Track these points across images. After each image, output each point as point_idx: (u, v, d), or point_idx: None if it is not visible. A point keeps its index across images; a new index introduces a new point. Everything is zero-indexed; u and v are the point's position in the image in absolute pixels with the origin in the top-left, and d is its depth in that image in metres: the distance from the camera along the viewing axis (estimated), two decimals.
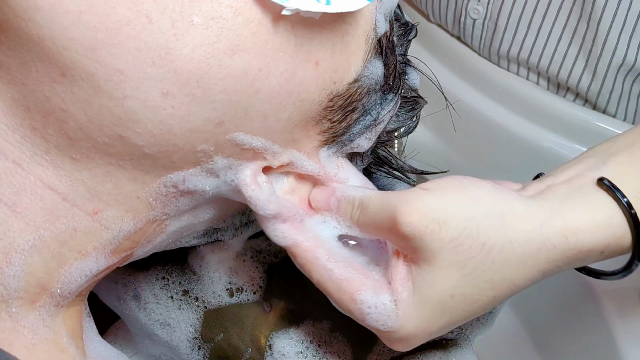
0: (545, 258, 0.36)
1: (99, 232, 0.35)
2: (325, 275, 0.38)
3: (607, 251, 0.37)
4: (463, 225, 0.36)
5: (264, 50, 0.33)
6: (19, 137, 0.33)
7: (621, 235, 0.37)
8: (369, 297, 0.38)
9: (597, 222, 0.36)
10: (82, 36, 0.30)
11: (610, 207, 0.37)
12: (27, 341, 0.34)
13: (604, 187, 0.37)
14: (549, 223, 0.36)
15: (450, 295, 0.36)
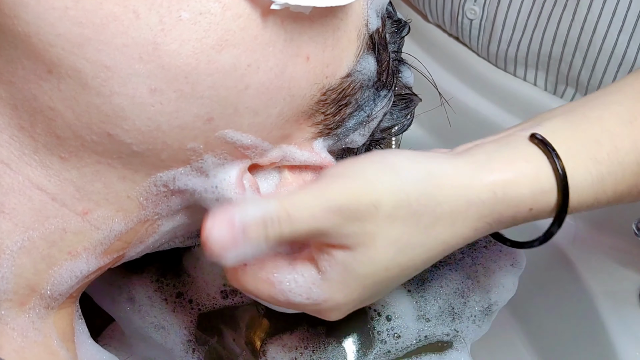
0: (475, 214, 0.36)
1: (89, 233, 0.35)
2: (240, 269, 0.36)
3: (536, 208, 0.36)
4: (395, 198, 0.34)
5: (253, 45, 0.33)
6: (6, 136, 0.32)
7: (548, 189, 0.36)
8: (286, 273, 0.36)
9: (525, 175, 0.36)
10: (69, 32, 0.29)
11: (539, 160, 0.36)
12: (17, 344, 0.33)
13: (535, 141, 0.36)
14: (477, 177, 0.35)
15: (385, 268, 0.35)
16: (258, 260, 0.36)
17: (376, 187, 0.34)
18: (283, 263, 0.36)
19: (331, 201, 0.33)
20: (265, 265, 0.36)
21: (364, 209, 0.34)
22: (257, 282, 0.36)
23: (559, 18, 0.72)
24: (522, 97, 0.80)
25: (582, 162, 0.37)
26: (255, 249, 0.33)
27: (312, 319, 0.48)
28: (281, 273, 0.36)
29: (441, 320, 0.49)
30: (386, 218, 0.34)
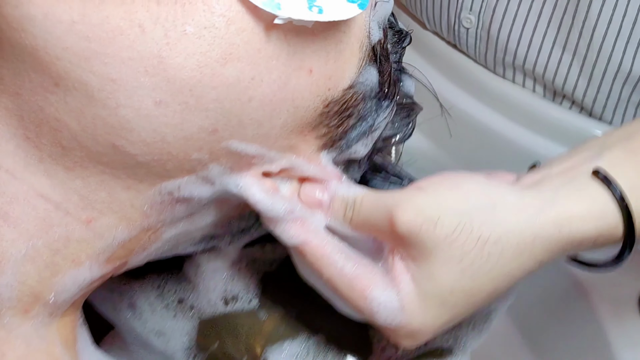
0: (540, 248, 0.37)
1: (92, 241, 0.35)
2: (336, 273, 0.38)
3: (600, 240, 0.38)
4: (457, 220, 0.36)
5: (257, 58, 0.33)
6: (12, 146, 0.33)
7: (614, 226, 0.38)
8: (379, 294, 0.38)
9: (590, 212, 0.37)
10: (76, 46, 0.30)
11: (604, 198, 0.38)
12: (20, 352, 0.34)
13: (598, 178, 0.38)
14: (542, 213, 0.37)
15: (450, 291, 0.37)
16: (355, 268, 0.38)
17: (441, 204, 0.37)
18: (378, 282, 0.38)
19: (394, 205, 0.37)
20: (362, 277, 0.38)
21: (422, 221, 0.36)
22: (352, 291, 0.38)
23: (558, 26, 0.72)
24: (521, 103, 0.80)
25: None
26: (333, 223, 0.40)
27: (312, 327, 0.48)
28: (376, 291, 0.38)
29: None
30: (445, 237, 0.36)
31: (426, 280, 0.37)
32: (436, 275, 0.37)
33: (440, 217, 0.36)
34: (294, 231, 0.39)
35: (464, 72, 0.83)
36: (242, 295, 0.49)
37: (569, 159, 0.41)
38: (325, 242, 0.39)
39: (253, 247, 0.49)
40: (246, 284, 0.49)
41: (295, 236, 0.39)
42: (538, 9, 0.73)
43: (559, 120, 0.78)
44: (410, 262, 0.37)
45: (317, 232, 0.40)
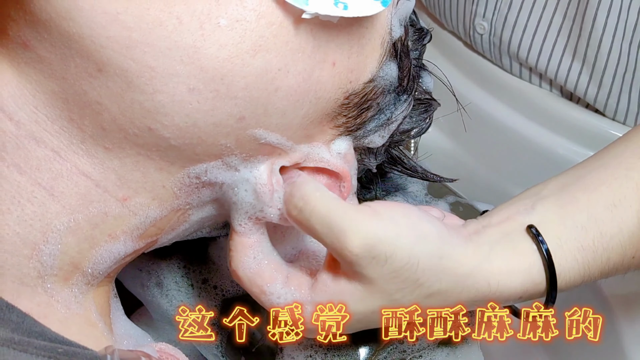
0: (466, 297, 0.40)
1: (127, 218, 0.38)
2: (240, 269, 0.41)
3: (525, 296, 0.41)
4: (406, 260, 0.38)
5: (284, 50, 0.35)
6: (57, 127, 0.35)
7: (539, 282, 0.41)
8: (278, 288, 0.40)
9: (518, 270, 0.40)
10: (118, 35, 0.32)
11: (532, 254, 0.41)
12: (61, 315, 0.36)
13: (530, 234, 0.41)
14: (478, 268, 0.40)
15: (372, 312, 0.39)
16: (259, 267, 0.40)
17: (397, 241, 0.38)
18: (279, 277, 0.40)
19: (349, 231, 0.37)
20: (263, 274, 0.40)
21: (375, 255, 0.37)
22: (252, 286, 0.41)
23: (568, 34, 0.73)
24: (537, 102, 0.81)
25: (569, 252, 0.41)
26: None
27: None
28: (274, 286, 0.40)
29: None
30: (390, 272, 0.38)
31: (355, 302, 0.39)
32: (367, 299, 0.39)
33: (393, 253, 0.37)
34: (248, 223, 0.41)
35: (481, 70, 0.84)
36: None
37: (506, 209, 0.44)
38: (255, 243, 0.41)
39: None
40: None
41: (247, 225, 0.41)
42: (548, 18, 0.74)
43: (578, 120, 0.79)
44: (345, 280, 0.39)
45: (259, 230, 0.41)
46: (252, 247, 0.41)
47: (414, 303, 0.39)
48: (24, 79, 0.34)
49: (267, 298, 0.40)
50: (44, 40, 0.33)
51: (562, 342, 0.74)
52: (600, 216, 0.42)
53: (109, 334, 0.39)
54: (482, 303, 0.41)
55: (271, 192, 0.40)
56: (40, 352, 0.32)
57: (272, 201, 0.40)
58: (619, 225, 0.42)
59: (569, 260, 0.41)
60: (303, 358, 0.48)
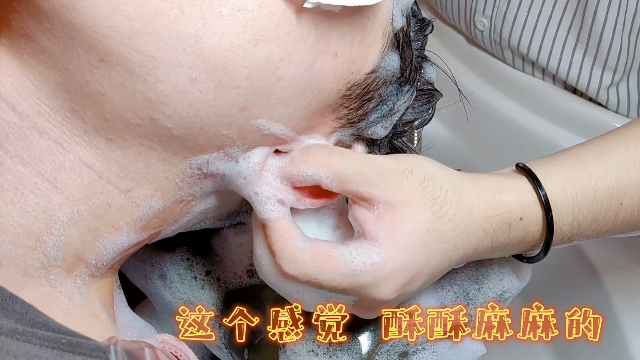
0: (483, 210, 0.43)
1: (130, 209, 0.38)
2: (298, 252, 0.39)
3: (525, 217, 0.44)
4: (424, 171, 0.42)
5: (286, 40, 0.35)
6: (60, 118, 0.35)
7: (533, 202, 0.44)
8: (343, 248, 0.39)
9: (510, 188, 0.44)
10: (121, 25, 0.32)
11: (522, 181, 0.44)
12: (64, 306, 0.36)
13: (518, 169, 0.45)
14: (481, 180, 0.44)
15: (427, 230, 0.40)
16: (313, 244, 0.39)
17: (410, 160, 0.42)
18: (337, 244, 0.40)
19: (377, 160, 0.41)
20: (321, 245, 0.39)
21: (402, 171, 0.41)
22: (317, 261, 0.39)
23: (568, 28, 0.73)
24: (543, 95, 0.81)
25: (558, 182, 0.44)
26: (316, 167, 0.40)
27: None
28: (339, 249, 0.39)
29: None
30: (419, 183, 0.41)
31: (407, 219, 0.40)
32: (416, 215, 0.40)
33: (412, 167, 0.41)
34: (274, 208, 0.40)
35: (483, 62, 0.84)
36: None
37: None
38: (292, 224, 0.40)
39: None
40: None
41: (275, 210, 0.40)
42: (548, 13, 0.74)
43: (581, 112, 0.79)
44: (388, 207, 0.40)
45: (289, 216, 0.41)
46: (295, 228, 0.40)
47: (451, 217, 0.41)
48: (27, 70, 0.34)
49: (341, 261, 0.39)
50: (46, 31, 0.33)
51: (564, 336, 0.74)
52: (588, 160, 0.45)
53: (112, 325, 0.39)
54: (496, 223, 0.43)
55: (260, 171, 0.39)
56: (43, 343, 0.32)
57: (260, 179, 0.39)
58: (606, 169, 0.45)
59: (558, 189, 0.44)
60: (305, 353, 0.48)
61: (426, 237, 0.40)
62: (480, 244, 0.43)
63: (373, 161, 0.41)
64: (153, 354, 0.35)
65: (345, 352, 0.49)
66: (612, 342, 0.68)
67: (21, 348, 0.31)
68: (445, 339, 0.51)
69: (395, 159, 0.42)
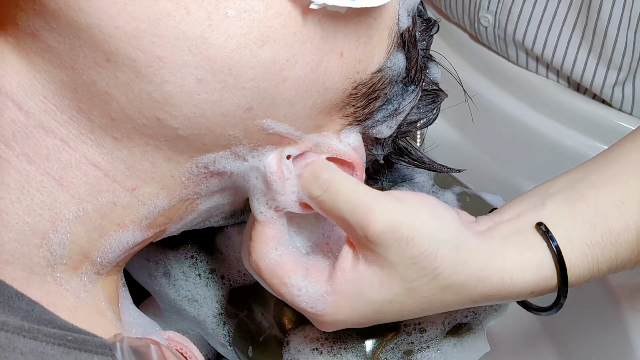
0: (480, 291, 0.41)
1: (136, 207, 0.38)
2: (262, 259, 0.41)
3: (537, 290, 0.42)
4: (426, 246, 0.39)
5: (292, 41, 0.35)
6: (66, 117, 0.35)
7: (550, 276, 0.41)
8: (299, 281, 0.40)
9: (530, 264, 0.41)
10: (127, 25, 0.32)
11: (543, 250, 0.41)
12: (70, 303, 0.36)
13: (539, 231, 0.41)
14: (492, 261, 0.40)
15: (389, 301, 0.40)
16: (280, 258, 0.41)
17: (419, 226, 0.39)
18: (299, 271, 0.41)
19: (374, 211, 0.38)
20: (284, 266, 0.41)
21: (398, 237, 0.38)
22: (272, 277, 0.41)
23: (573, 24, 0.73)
24: (547, 94, 0.81)
25: (578, 247, 0.42)
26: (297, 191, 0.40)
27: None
28: (295, 279, 0.41)
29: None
30: (410, 257, 0.39)
31: (373, 287, 0.40)
32: (384, 285, 0.39)
33: (415, 238, 0.38)
34: (269, 212, 0.41)
35: (488, 61, 0.84)
36: None
37: (517, 206, 0.44)
38: (276, 234, 0.41)
39: None
40: None
41: (264, 214, 0.41)
42: (553, 9, 0.74)
43: (586, 111, 0.79)
44: (364, 263, 0.40)
45: (281, 221, 0.42)
46: (274, 237, 0.41)
47: (428, 295, 0.40)
48: (34, 68, 0.34)
49: (288, 290, 0.41)
50: (52, 31, 0.33)
51: (568, 333, 0.74)
52: (609, 213, 0.42)
53: (118, 322, 0.39)
54: (494, 298, 0.42)
55: (282, 180, 0.40)
56: (49, 340, 0.32)
57: (284, 189, 0.40)
58: (627, 221, 0.42)
59: (578, 256, 0.42)
60: (309, 351, 0.48)
61: (384, 306, 0.40)
62: (463, 306, 0.43)
63: (367, 214, 0.38)
64: (159, 350, 0.35)
65: (350, 350, 0.49)
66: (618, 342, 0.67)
67: (27, 345, 0.31)
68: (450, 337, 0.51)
69: (401, 221, 0.38)
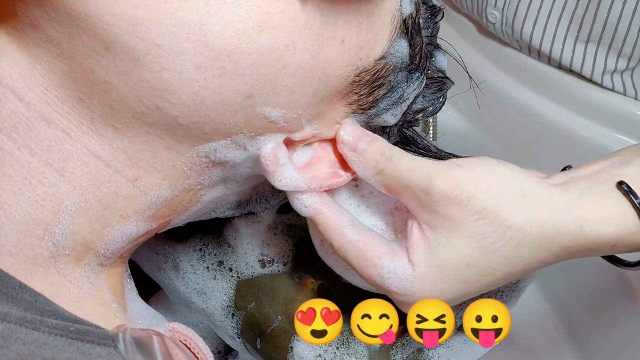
0: (560, 243, 0.38)
1: (138, 198, 0.38)
2: (346, 243, 0.40)
3: (619, 245, 0.39)
4: (488, 201, 0.38)
5: (291, 27, 0.35)
6: (67, 107, 0.35)
7: (634, 231, 0.38)
8: (388, 262, 0.39)
9: (612, 217, 0.38)
10: (125, 13, 0.32)
11: (626, 206, 0.38)
12: (73, 295, 0.36)
13: (621, 190, 0.39)
14: (567, 210, 0.38)
15: (465, 264, 0.38)
16: (365, 239, 0.40)
17: (476, 182, 0.38)
18: (387, 252, 0.40)
19: (434, 173, 0.38)
20: (371, 247, 0.40)
21: (457, 194, 0.38)
22: (361, 259, 0.40)
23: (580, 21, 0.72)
24: (562, 84, 0.80)
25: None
26: (363, 170, 0.41)
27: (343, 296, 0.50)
28: (385, 260, 0.40)
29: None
30: (474, 213, 0.38)
31: (445, 250, 0.38)
32: (456, 247, 0.38)
33: (474, 193, 0.38)
34: (308, 201, 0.41)
35: (499, 51, 0.84)
36: (277, 259, 0.51)
37: (599, 163, 0.42)
38: (337, 213, 0.41)
39: (289, 214, 0.52)
40: (281, 249, 0.51)
41: (310, 206, 0.41)
42: (560, 6, 0.73)
43: (595, 98, 0.78)
44: (430, 231, 0.39)
45: (330, 204, 0.42)
46: (340, 217, 0.41)
47: (506, 253, 0.38)
48: (34, 59, 0.34)
49: (378, 272, 0.40)
50: (52, 20, 0.33)
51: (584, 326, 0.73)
52: None
53: (123, 314, 0.39)
54: (576, 251, 0.39)
55: (275, 164, 0.39)
56: (52, 331, 0.32)
57: (281, 173, 0.40)
58: None
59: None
60: (312, 357, 0.48)
61: (463, 271, 0.39)
62: (546, 265, 0.40)
63: (427, 175, 0.39)
64: (161, 341, 0.35)
65: (353, 356, 0.49)
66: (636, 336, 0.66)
67: (30, 336, 0.31)
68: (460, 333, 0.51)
69: (459, 178, 0.38)
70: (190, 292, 0.52)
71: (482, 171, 0.39)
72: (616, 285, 0.68)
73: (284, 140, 0.40)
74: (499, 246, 0.38)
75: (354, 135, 0.41)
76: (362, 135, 0.41)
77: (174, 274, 0.52)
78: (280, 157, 0.40)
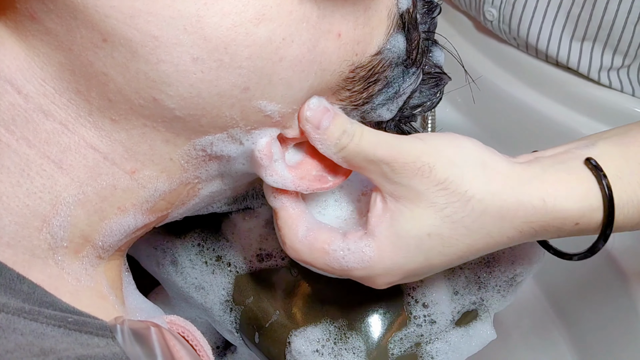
0: (522, 216, 0.39)
1: (136, 191, 0.38)
2: (297, 241, 0.41)
3: (582, 223, 0.39)
4: (449, 171, 0.39)
5: (288, 20, 0.35)
6: (65, 99, 0.35)
7: (596, 207, 0.39)
8: (339, 243, 0.40)
9: (575, 192, 0.39)
10: (122, 4, 0.32)
11: (590, 182, 0.39)
12: (71, 287, 0.36)
13: (589, 165, 0.39)
14: (529, 184, 0.39)
15: (427, 234, 0.39)
16: (313, 233, 0.41)
17: (438, 154, 0.39)
18: (336, 235, 0.41)
19: (397, 145, 0.39)
20: (319, 237, 0.41)
21: (420, 165, 0.39)
22: (312, 252, 0.41)
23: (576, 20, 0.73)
24: (561, 82, 0.80)
25: (629, 186, 0.40)
26: (325, 148, 0.40)
27: (333, 314, 0.50)
28: (335, 243, 0.40)
29: (468, 290, 0.51)
30: (436, 184, 0.38)
31: (406, 220, 0.39)
32: (418, 217, 0.39)
33: (436, 164, 0.39)
34: (281, 195, 0.42)
35: (496, 48, 0.84)
36: (275, 254, 0.52)
37: (564, 146, 0.42)
38: (299, 214, 0.42)
39: None
40: (279, 243, 0.51)
41: (279, 198, 0.42)
42: (556, 4, 0.73)
43: (592, 95, 0.78)
44: (393, 202, 0.39)
45: (297, 203, 0.42)
46: (298, 218, 0.42)
47: (468, 223, 0.38)
48: (32, 52, 0.35)
49: (332, 257, 0.40)
50: (50, 12, 0.33)
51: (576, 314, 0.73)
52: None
53: (121, 306, 0.39)
54: (539, 226, 0.39)
55: (269, 159, 0.40)
56: (50, 321, 0.32)
57: (273, 169, 0.40)
58: None
59: (628, 193, 0.40)
60: (310, 353, 0.48)
61: (425, 240, 0.39)
62: (510, 242, 0.40)
63: (390, 149, 0.39)
64: (159, 333, 0.35)
65: (351, 351, 0.49)
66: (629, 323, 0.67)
67: (28, 326, 0.31)
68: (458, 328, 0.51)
69: (421, 150, 0.39)
70: (189, 287, 0.52)
71: (444, 143, 0.40)
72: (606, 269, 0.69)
73: (277, 137, 0.40)
74: (461, 216, 0.39)
75: (316, 111, 0.40)
76: (325, 111, 0.40)
77: (172, 269, 0.52)
78: (274, 153, 0.40)
